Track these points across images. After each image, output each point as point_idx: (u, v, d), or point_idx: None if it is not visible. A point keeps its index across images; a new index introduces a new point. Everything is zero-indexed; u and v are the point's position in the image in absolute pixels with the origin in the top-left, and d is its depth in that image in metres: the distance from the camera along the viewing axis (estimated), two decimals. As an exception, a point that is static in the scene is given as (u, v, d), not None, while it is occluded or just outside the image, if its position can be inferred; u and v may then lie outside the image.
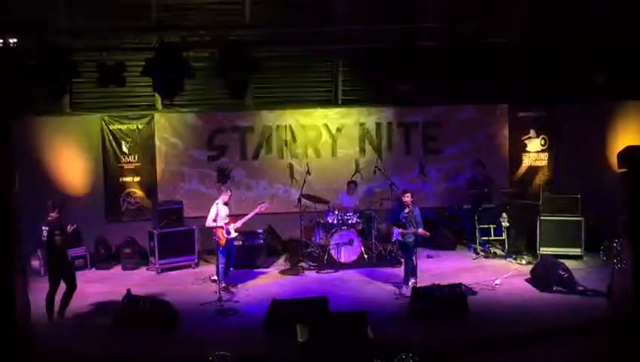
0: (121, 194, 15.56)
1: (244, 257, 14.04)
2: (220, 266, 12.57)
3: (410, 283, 11.99)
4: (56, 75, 12.58)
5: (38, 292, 11.06)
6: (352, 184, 15.14)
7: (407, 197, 12.20)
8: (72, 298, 10.95)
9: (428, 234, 12.44)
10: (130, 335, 10.33)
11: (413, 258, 12.17)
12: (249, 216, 13.02)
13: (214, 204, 12.79)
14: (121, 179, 15.54)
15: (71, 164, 15.13)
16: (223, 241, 12.56)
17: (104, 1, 14.08)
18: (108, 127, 15.41)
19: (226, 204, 12.89)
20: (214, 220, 12.62)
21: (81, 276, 12.06)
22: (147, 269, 14.44)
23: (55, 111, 15.01)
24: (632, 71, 13.81)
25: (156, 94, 14.93)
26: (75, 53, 13.12)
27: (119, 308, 10.88)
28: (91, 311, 11.48)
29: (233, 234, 12.72)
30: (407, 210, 12.20)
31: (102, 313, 11.29)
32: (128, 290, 11.13)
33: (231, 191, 13.13)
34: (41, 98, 14.11)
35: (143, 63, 12.64)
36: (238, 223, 12.83)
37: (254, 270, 13.97)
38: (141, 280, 13.55)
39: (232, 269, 13.00)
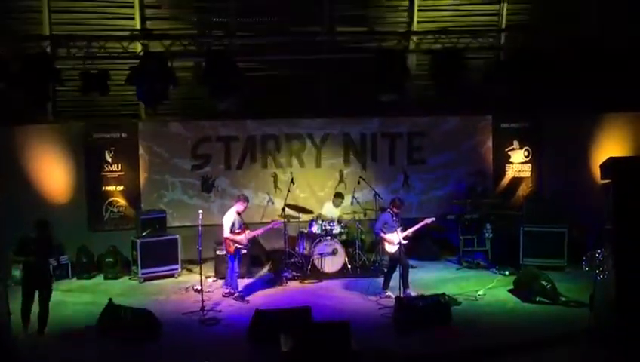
0: (104, 202, 15.45)
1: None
2: (231, 273, 12.59)
3: (404, 294, 11.97)
4: (39, 83, 12.52)
5: (19, 301, 10.95)
6: (338, 196, 15.12)
7: (399, 208, 12.40)
8: (47, 315, 10.68)
9: (433, 218, 12.68)
10: (112, 345, 10.23)
11: (399, 268, 12.19)
12: (262, 230, 13.02)
13: (230, 214, 12.60)
14: (104, 188, 15.43)
15: (53, 173, 14.99)
16: (232, 249, 12.46)
17: (88, 8, 14.09)
18: (91, 136, 15.30)
19: (239, 213, 12.73)
20: (232, 230, 12.46)
21: (62, 285, 11.98)
22: (129, 278, 14.34)
23: (38, 119, 14.90)
24: (614, 84, 13.92)
25: (140, 103, 14.88)
26: (59, 60, 13.10)
27: (101, 317, 10.78)
28: (72, 321, 11.36)
29: (242, 245, 12.61)
30: (395, 218, 12.27)
31: (83, 323, 11.18)
32: (110, 300, 11.04)
33: (248, 201, 12.90)
34: (24, 106, 14.04)
35: (127, 71, 12.62)
36: (251, 234, 12.75)
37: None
38: (123, 290, 13.45)
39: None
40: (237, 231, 12.48)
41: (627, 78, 13.88)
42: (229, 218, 12.50)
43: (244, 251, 12.87)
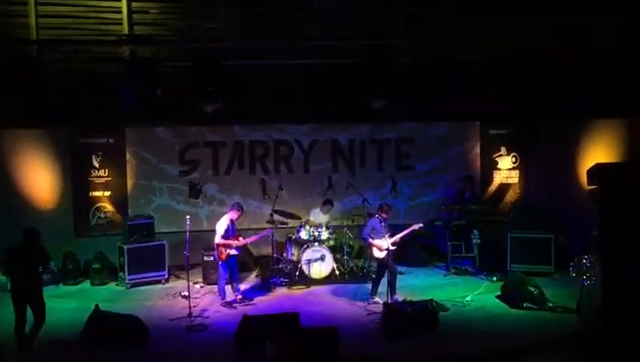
0: (91, 208, 15.36)
1: (216, 273, 13.95)
2: (222, 281, 12.57)
3: (392, 300, 11.96)
4: (26, 87, 12.47)
5: (3, 307, 10.88)
6: (327, 203, 15.10)
7: (388, 213, 12.41)
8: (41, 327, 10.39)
9: (421, 224, 12.67)
10: (99, 351, 10.17)
11: (387, 274, 12.18)
12: (255, 238, 13.04)
13: (224, 220, 12.59)
14: (90, 194, 15.34)
15: (40, 178, 14.91)
16: (224, 256, 12.43)
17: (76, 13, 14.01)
18: (78, 140, 15.24)
19: (232, 221, 12.68)
20: (223, 236, 12.44)
21: (48, 292, 11.89)
22: (116, 285, 14.28)
23: (24, 123, 14.80)
24: (602, 90, 14.00)
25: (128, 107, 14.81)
26: (46, 64, 13.05)
27: (87, 324, 10.71)
28: (59, 328, 11.28)
29: (234, 252, 12.59)
30: (383, 223, 12.28)
31: (70, 329, 11.10)
32: (97, 306, 10.98)
33: (242, 210, 12.90)
34: (11, 110, 13.97)
35: (115, 76, 12.57)
36: (242, 241, 12.72)
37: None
38: (110, 296, 13.39)
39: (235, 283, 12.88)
40: (230, 238, 12.46)
41: (615, 85, 13.97)
42: (222, 225, 12.48)
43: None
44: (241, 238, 12.66)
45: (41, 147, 14.96)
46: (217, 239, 12.41)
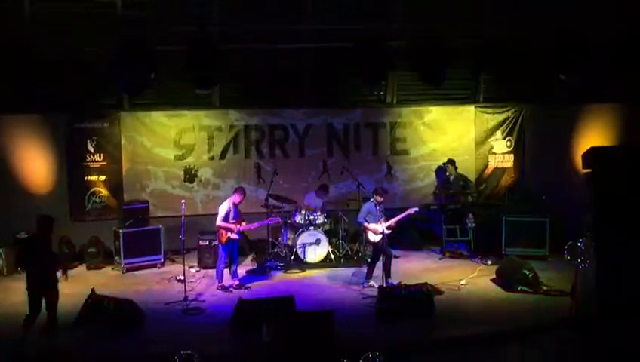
0: (86, 193, 15.35)
1: (212, 257, 14.01)
2: (220, 264, 12.60)
3: (387, 284, 11.99)
4: (20, 72, 12.43)
5: (1, 292, 10.91)
6: (323, 188, 15.08)
7: (383, 196, 12.44)
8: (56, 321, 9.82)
9: (417, 209, 12.78)
10: (95, 334, 10.20)
11: (382, 257, 12.23)
12: (257, 224, 13.15)
13: (226, 203, 12.59)
14: (86, 178, 15.33)
15: (35, 163, 14.88)
16: (224, 239, 12.45)
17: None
18: (73, 125, 15.20)
19: (235, 205, 12.67)
20: (224, 219, 12.44)
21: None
22: (112, 269, 14.29)
23: (19, 108, 14.76)
24: (597, 74, 14.02)
25: (122, 92, 14.79)
26: (40, 49, 12.99)
27: (83, 307, 10.72)
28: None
29: (235, 236, 12.54)
30: (379, 207, 12.32)
31: (66, 313, 11.10)
32: (92, 290, 11.00)
33: (244, 193, 12.89)
34: (5, 95, 13.94)
35: (110, 60, 12.53)
36: (245, 226, 12.74)
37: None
38: (106, 280, 13.39)
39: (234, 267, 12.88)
40: (232, 221, 12.46)
41: (609, 69, 13.99)
42: (224, 208, 12.50)
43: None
44: (244, 223, 12.67)
45: (35, 132, 14.91)
46: (218, 221, 12.43)
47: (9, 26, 13.63)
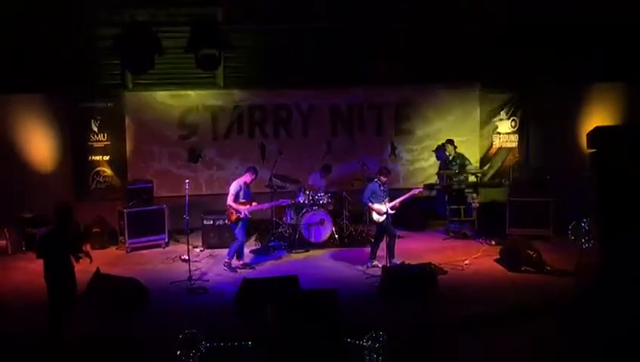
0: (90, 172, 15.37)
1: (216, 236, 14.04)
2: (233, 243, 12.61)
3: (391, 264, 12.01)
4: (25, 52, 12.42)
5: (6, 271, 10.92)
6: (326, 167, 15.07)
7: (387, 176, 12.44)
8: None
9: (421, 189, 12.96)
10: (99, 313, 10.24)
11: (386, 237, 12.23)
12: (267, 205, 13.36)
13: (237, 183, 12.60)
14: (90, 158, 15.34)
15: (39, 142, 14.88)
16: (233, 218, 12.47)
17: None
18: (77, 105, 15.17)
19: (247, 184, 12.68)
20: (236, 200, 12.45)
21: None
22: (116, 249, 14.33)
23: (23, 88, 14.74)
24: (603, 53, 13.93)
25: (127, 72, 14.77)
26: (45, 29, 12.97)
27: (88, 286, 10.76)
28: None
29: (244, 216, 12.49)
30: (383, 187, 12.30)
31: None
32: (97, 269, 11.02)
33: (256, 173, 12.92)
34: (9, 75, 13.93)
35: (114, 39, 12.50)
36: (255, 207, 12.77)
37: (224, 249, 13.91)
38: (110, 260, 13.39)
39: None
40: (242, 201, 12.47)
41: (614, 48, 13.89)
42: (235, 187, 12.52)
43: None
44: (254, 203, 12.67)
45: (39, 112, 14.91)
46: (229, 200, 12.44)
47: (12, 3, 13.60)
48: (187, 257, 12.12)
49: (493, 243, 13.93)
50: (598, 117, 14.54)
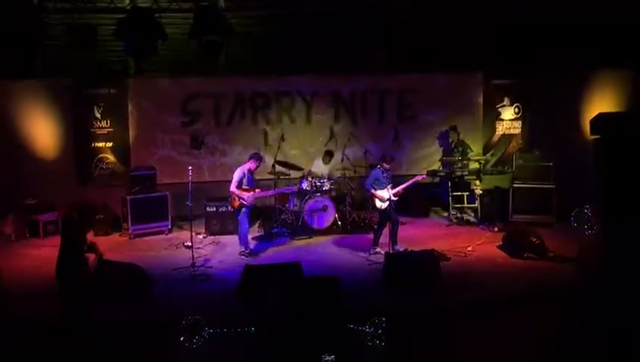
0: (93, 159, 15.36)
1: (219, 223, 14.06)
2: (243, 228, 12.58)
3: (393, 250, 12.03)
4: (27, 37, 12.39)
5: (10, 257, 10.93)
6: (328, 153, 15.06)
7: (390, 163, 12.43)
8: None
9: (424, 175, 13.02)
10: (102, 300, 10.24)
11: (389, 224, 12.23)
12: (272, 192, 13.53)
13: (240, 170, 12.58)
14: (93, 145, 15.33)
15: (42, 129, 14.88)
16: (236, 204, 12.46)
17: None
18: (80, 91, 15.15)
19: (251, 171, 12.66)
20: (239, 187, 12.44)
21: (52, 242, 11.95)
22: (120, 235, 14.36)
23: (25, 74, 14.73)
24: (606, 40, 13.87)
25: (129, 58, 14.75)
26: (47, 15, 12.93)
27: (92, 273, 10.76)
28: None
29: (247, 203, 12.46)
30: (386, 174, 12.30)
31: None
32: (100, 256, 11.00)
33: (260, 160, 12.93)
34: (12, 61, 13.90)
35: (117, 26, 12.48)
36: (259, 194, 12.78)
37: (227, 236, 13.94)
38: (113, 246, 13.38)
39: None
40: (245, 187, 12.47)
41: (619, 35, 13.83)
42: (239, 173, 12.50)
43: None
44: (258, 190, 12.68)
45: (42, 98, 14.88)
46: (232, 187, 12.45)
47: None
48: (190, 244, 12.13)
49: (496, 229, 13.93)
50: (602, 104, 14.50)
